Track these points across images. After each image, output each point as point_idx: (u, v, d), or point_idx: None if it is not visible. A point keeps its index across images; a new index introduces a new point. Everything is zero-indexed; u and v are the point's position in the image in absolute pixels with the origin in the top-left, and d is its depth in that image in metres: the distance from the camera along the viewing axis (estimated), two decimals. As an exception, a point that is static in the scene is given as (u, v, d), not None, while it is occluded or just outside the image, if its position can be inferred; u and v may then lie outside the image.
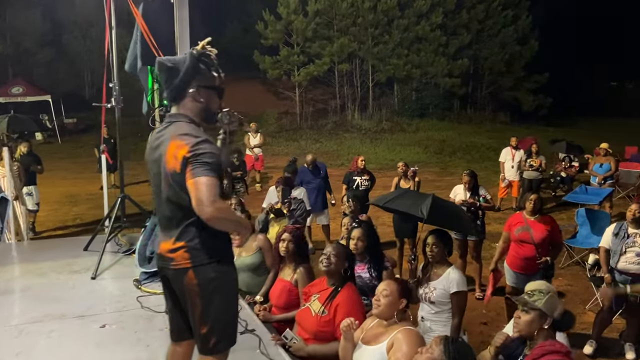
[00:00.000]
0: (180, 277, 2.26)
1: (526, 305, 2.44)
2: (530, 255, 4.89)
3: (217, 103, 2.34)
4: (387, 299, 2.67)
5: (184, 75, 2.22)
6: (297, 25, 22.05)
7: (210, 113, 2.33)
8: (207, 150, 2.12)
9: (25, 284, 4.24)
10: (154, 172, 2.30)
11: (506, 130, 21.66)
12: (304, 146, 19.11)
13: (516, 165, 10.26)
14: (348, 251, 3.38)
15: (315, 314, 3.07)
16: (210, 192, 2.07)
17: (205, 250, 2.22)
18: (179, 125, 2.23)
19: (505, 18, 24.55)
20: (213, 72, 2.29)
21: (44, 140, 19.47)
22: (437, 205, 4.41)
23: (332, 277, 3.18)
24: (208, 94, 2.29)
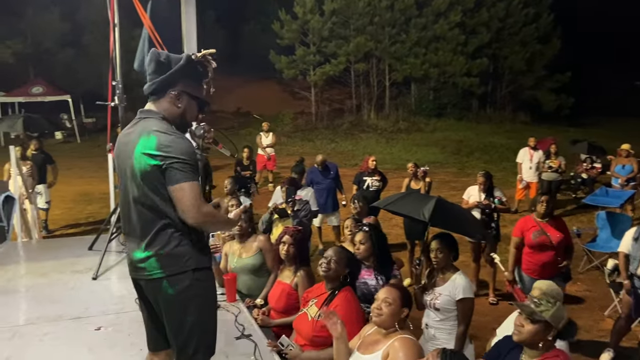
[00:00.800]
0: (153, 287, 2.15)
1: (532, 315, 2.28)
2: (550, 260, 4.71)
3: (194, 114, 2.25)
4: (390, 308, 2.54)
5: (174, 72, 2.13)
6: (314, 24, 21.96)
7: (185, 122, 2.24)
8: (184, 151, 2.03)
9: (25, 283, 4.21)
10: (122, 171, 2.19)
11: (526, 130, 21.23)
12: (319, 146, 19.01)
13: (534, 166, 10.00)
14: (350, 256, 3.25)
15: (311, 319, 2.97)
16: (195, 197, 2.01)
17: (178, 258, 2.10)
18: (149, 121, 2.13)
19: (526, 16, 24.08)
20: (203, 82, 2.22)
21: (63, 140, 19.73)
22: (442, 208, 4.23)
23: (331, 282, 3.07)
24: (189, 102, 2.19)
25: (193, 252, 2.13)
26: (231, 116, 23.21)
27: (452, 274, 3.55)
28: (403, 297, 2.59)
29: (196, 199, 2.01)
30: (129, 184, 2.13)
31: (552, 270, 4.68)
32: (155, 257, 2.10)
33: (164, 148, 2.02)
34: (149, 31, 5.21)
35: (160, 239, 2.09)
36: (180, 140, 2.06)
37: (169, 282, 2.10)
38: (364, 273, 3.54)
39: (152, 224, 2.10)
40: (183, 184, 2.00)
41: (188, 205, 2.00)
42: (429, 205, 4.15)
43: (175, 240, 2.09)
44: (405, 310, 2.57)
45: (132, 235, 2.19)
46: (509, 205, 6.43)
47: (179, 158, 2.01)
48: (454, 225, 4.37)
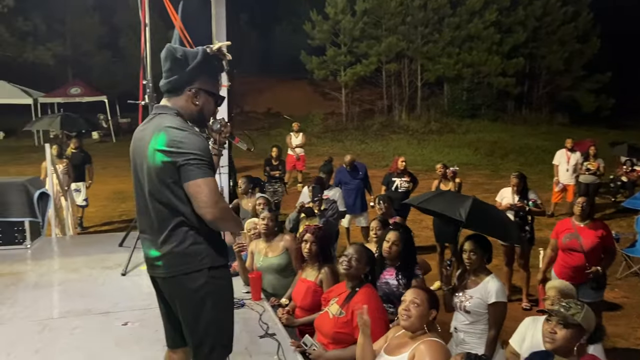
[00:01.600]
0: (169, 284, 2.14)
1: (566, 321, 2.19)
2: (579, 264, 4.52)
3: (212, 110, 2.22)
4: (419, 310, 2.48)
5: (192, 70, 2.10)
6: (345, 24, 21.90)
7: (203, 118, 2.21)
8: (198, 147, 1.99)
9: (57, 278, 4.31)
10: (136, 167, 2.16)
11: (564, 132, 20.64)
12: (349, 147, 18.92)
13: (571, 168, 9.69)
14: (370, 254, 3.19)
15: (333, 316, 2.94)
16: (211, 193, 1.98)
17: (194, 256, 2.08)
18: (164, 117, 2.10)
19: (564, 14, 23.45)
20: (219, 77, 2.20)
21: (99, 139, 20.25)
22: (478, 209, 4.06)
23: (352, 280, 3.03)
24: (206, 99, 2.16)
25: (209, 250, 2.10)
26: (262, 117, 23.38)
27: (485, 276, 3.44)
28: (430, 299, 2.53)
29: (213, 195, 1.98)
30: (144, 181, 2.10)
31: (582, 276, 4.50)
32: (171, 255, 2.08)
33: (177, 144, 1.99)
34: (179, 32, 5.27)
35: (175, 236, 2.07)
36: (194, 136, 2.03)
37: (184, 280, 2.08)
38: (385, 273, 3.49)
39: (167, 221, 2.07)
40: (198, 180, 1.97)
41: (205, 201, 1.96)
42: (466, 204, 3.95)
43: (191, 238, 2.07)
44: (433, 312, 2.51)
45: (147, 233, 2.17)
46: (544, 208, 6.22)
47: (193, 154, 1.98)
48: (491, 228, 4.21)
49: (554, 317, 2.23)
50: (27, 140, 19.37)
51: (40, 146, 17.41)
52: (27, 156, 17.01)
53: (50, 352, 2.99)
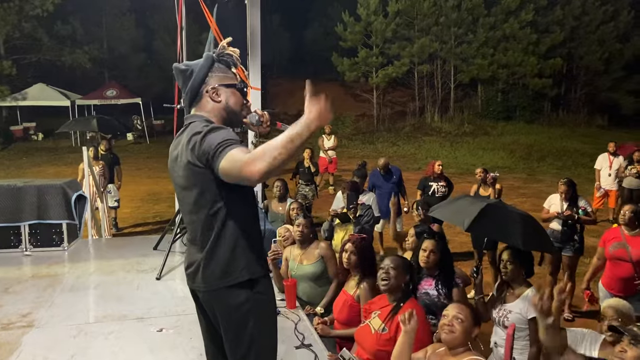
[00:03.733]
0: (208, 299, 2.07)
1: (637, 339, 2.04)
2: (628, 275, 4.29)
3: (239, 102, 2.16)
4: (463, 325, 2.37)
5: (199, 72, 2.10)
6: (377, 26, 21.74)
7: (233, 112, 2.15)
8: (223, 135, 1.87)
9: (93, 281, 4.32)
10: (174, 180, 2.12)
11: (603, 134, 20.02)
12: (381, 149, 18.76)
13: (614, 173, 9.32)
14: (407, 262, 3.08)
15: (375, 332, 2.82)
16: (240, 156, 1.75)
17: (232, 269, 2.00)
18: (194, 125, 2.03)
19: (604, 14, 22.76)
20: (232, 70, 2.16)
21: (134, 141, 20.64)
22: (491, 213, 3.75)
23: (393, 293, 2.91)
24: (227, 92, 2.12)
25: (248, 261, 2.02)
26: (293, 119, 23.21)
27: (525, 289, 3.29)
28: (474, 315, 2.43)
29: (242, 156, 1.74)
30: (182, 193, 2.07)
31: (630, 287, 4.28)
32: (209, 268, 2.02)
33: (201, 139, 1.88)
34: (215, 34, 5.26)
35: (213, 246, 2.01)
36: (219, 130, 1.92)
37: (224, 295, 2.01)
38: (424, 283, 3.37)
39: (205, 234, 2.02)
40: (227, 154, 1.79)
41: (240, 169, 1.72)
42: (474, 211, 3.67)
43: (229, 251, 2.00)
44: (476, 329, 2.41)
45: (191, 244, 2.13)
46: (595, 217, 5.93)
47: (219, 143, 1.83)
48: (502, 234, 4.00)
49: (626, 335, 2.09)
50: (64, 141, 19.90)
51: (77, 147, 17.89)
52: (64, 157, 17.47)
53: (84, 357, 2.97)
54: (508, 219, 3.77)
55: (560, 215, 5.52)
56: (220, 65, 2.14)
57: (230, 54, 2.17)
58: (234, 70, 2.18)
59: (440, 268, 3.37)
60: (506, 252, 3.35)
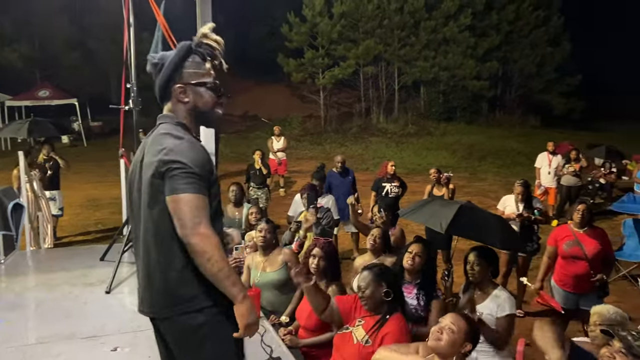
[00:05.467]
0: (163, 323, 1.91)
1: (630, 350, 2.04)
2: (583, 272, 4.45)
3: (210, 102, 1.97)
4: (452, 336, 2.29)
5: (166, 69, 1.91)
6: (322, 27, 21.78)
7: (202, 114, 1.98)
8: (190, 158, 1.76)
9: (36, 297, 3.99)
10: (132, 188, 1.96)
11: (537, 134, 21.01)
12: (329, 150, 18.80)
13: (553, 171, 9.74)
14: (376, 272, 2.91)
15: (357, 342, 2.71)
16: (192, 213, 1.71)
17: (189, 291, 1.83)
18: (162, 127, 1.92)
19: (536, 19, 23.89)
20: (206, 65, 1.93)
21: (69, 144, 19.59)
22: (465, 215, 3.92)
23: (375, 309, 2.79)
24: (196, 91, 1.94)
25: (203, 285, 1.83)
26: (239, 119, 23.06)
27: (492, 289, 3.31)
28: (470, 331, 2.33)
29: (192, 215, 1.70)
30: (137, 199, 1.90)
31: (586, 284, 4.44)
32: (162, 288, 1.85)
33: (166, 151, 1.77)
34: (164, 31, 5.00)
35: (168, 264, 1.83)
36: (189, 145, 1.81)
37: (180, 319, 1.86)
38: (405, 289, 3.28)
39: (159, 245, 1.84)
40: (181, 196, 1.72)
41: (182, 220, 1.71)
42: (449, 214, 3.85)
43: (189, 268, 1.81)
44: (469, 346, 2.32)
45: (141, 259, 1.94)
46: (547, 216, 6.14)
47: (179, 162, 1.74)
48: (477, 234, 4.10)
49: (618, 342, 2.09)
50: (-8, 146, 18.61)
51: (8, 151, 16.75)
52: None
53: (33, 384, 2.71)
54: (483, 220, 3.84)
55: (520, 216, 5.62)
56: (195, 58, 1.93)
57: (208, 45, 1.93)
58: (208, 65, 1.94)
59: (423, 275, 3.31)
60: (472, 253, 3.35)
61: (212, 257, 1.73)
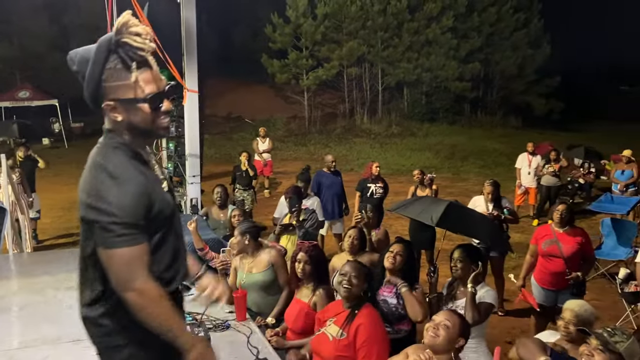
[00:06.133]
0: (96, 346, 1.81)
1: (606, 346, 2.12)
2: (559, 270, 4.56)
3: (146, 118, 1.64)
4: (448, 332, 2.36)
5: (89, 84, 1.58)
6: (306, 28, 21.84)
7: (141, 131, 1.67)
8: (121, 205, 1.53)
9: (19, 301, 3.95)
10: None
11: (518, 135, 21.32)
12: (313, 151, 18.85)
13: (533, 171, 9.91)
14: (367, 270, 3.06)
15: (333, 338, 2.77)
16: (126, 269, 1.55)
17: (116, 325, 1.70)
18: (101, 149, 1.67)
19: (517, 21, 24.27)
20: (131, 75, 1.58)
21: (50, 145, 19.33)
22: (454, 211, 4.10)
23: (350, 300, 2.87)
24: (127, 108, 1.62)
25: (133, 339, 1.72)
26: (222, 120, 22.98)
27: None
28: (463, 326, 2.42)
29: (127, 271, 1.55)
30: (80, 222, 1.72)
31: (563, 282, 4.54)
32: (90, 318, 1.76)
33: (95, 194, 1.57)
34: (147, 33, 5.00)
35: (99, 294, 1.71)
36: (122, 187, 1.56)
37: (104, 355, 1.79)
38: (384, 289, 3.34)
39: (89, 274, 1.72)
40: (111, 251, 1.55)
41: (115, 276, 1.57)
42: (439, 209, 4.02)
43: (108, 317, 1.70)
44: (462, 340, 2.40)
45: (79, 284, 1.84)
46: (517, 216, 6.26)
47: (110, 214, 1.53)
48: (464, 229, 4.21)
49: (595, 340, 2.16)
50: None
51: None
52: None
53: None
54: (471, 217, 3.96)
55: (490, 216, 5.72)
56: (117, 65, 1.58)
57: (129, 45, 1.56)
58: (134, 74, 1.58)
59: (403, 275, 3.35)
60: (457, 250, 3.44)
61: (150, 314, 1.61)
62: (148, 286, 1.60)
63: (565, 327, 2.86)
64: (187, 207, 5.53)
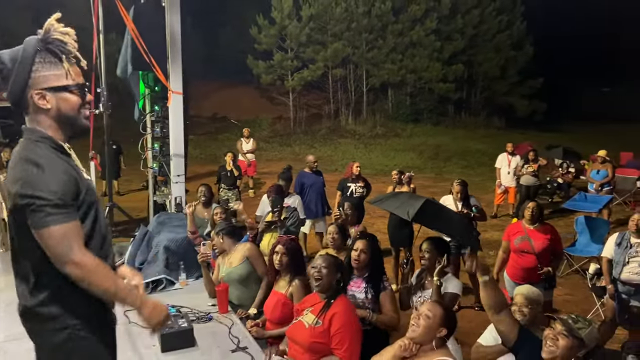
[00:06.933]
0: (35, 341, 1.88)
1: (570, 332, 2.31)
2: (531, 265, 4.77)
3: (74, 105, 1.81)
4: (427, 322, 2.46)
5: (18, 73, 1.72)
6: (291, 30, 21.97)
7: (68, 119, 1.81)
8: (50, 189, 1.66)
9: (4, 298, 4.04)
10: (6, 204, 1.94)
11: (500, 135, 21.64)
12: (298, 151, 18.98)
13: (512, 171, 10.14)
14: (338, 261, 3.18)
15: (309, 326, 2.91)
16: (61, 244, 1.67)
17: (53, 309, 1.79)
18: (23, 145, 1.77)
19: (499, 23, 24.61)
20: (63, 64, 1.76)
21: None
22: (430, 208, 4.22)
23: (325, 291, 3.01)
24: (57, 96, 1.77)
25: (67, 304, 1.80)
26: (208, 121, 23.01)
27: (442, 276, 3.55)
28: (445, 317, 2.50)
29: (63, 246, 1.67)
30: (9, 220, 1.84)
31: (534, 277, 4.74)
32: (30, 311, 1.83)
33: (22, 183, 1.68)
34: (133, 35, 5.11)
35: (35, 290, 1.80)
36: (47, 173, 1.69)
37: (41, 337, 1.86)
38: (352, 284, 3.46)
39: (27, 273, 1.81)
40: (44, 230, 1.66)
41: (53, 253, 1.68)
42: (416, 205, 4.14)
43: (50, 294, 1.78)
44: (444, 330, 2.47)
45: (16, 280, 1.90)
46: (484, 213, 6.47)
47: (39, 198, 1.66)
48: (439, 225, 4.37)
49: (560, 325, 2.34)
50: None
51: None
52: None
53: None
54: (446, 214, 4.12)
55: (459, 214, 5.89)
56: (47, 57, 1.74)
57: (59, 40, 1.74)
58: (66, 64, 1.77)
59: (370, 269, 3.47)
60: (425, 242, 3.61)
61: (92, 282, 1.73)
62: (85, 257, 1.72)
63: (520, 311, 3.07)
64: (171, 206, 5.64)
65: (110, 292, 1.80)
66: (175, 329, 3.12)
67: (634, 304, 4.63)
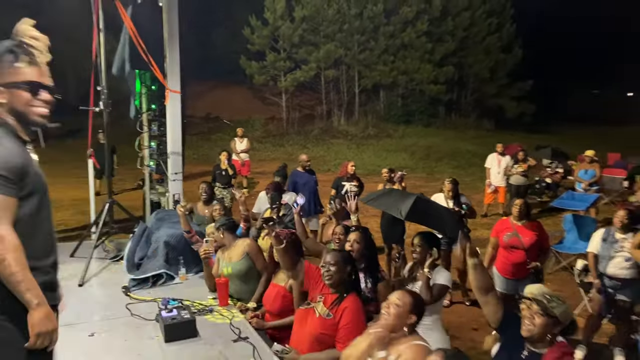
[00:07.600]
0: None
1: (545, 311, 2.45)
2: (520, 260, 4.90)
3: (23, 101, 1.96)
4: (397, 310, 2.55)
5: None
6: (284, 30, 22.07)
7: (19, 114, 1.98)
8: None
9: None
10: None
11: (490, 136, 21.87)
12: (291, 152, 19.08)
13: (502, 171, 10.29)
14: (345, 255, 3.23)
15: (319, 315, 2.99)
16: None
17: None
18: None
19: (489, 26, 24.87)
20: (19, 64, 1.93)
21: (26, 145, 19.11)
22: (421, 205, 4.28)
23: (337, 286, 3.05)
24: (10, 92, 1.95)
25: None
26: (201, 121, 23.04)
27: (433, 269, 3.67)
28: (414, 304, 2.59)
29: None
30: None
31: (524, 271, 4.88)
32: None
33: None
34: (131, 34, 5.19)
35: None
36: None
37: None
38: None
39: None
40: None
41: None
42: (407, 202, 4.17)
43: None
44: (413, 317, 2.57)
45: None
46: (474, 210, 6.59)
47: None
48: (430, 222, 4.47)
49: (535, 305, 2.47)
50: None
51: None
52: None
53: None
54: (437, 211, 4.21)
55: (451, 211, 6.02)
56: (8, 57, 1.93)
57: (25, 43, 1.95)
58: (21, 64, 1.94)
59: (366, 261, 3.58)
60: (417, 237, 3.73)
61: (4, 260, 1.76)
62: (8, 234, 1.79)
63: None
64: (169, 203, 5.72)
65: (16, 278, 1.80)
66: (178, 319, 3.22)
67: (620, 298, 4.76)
